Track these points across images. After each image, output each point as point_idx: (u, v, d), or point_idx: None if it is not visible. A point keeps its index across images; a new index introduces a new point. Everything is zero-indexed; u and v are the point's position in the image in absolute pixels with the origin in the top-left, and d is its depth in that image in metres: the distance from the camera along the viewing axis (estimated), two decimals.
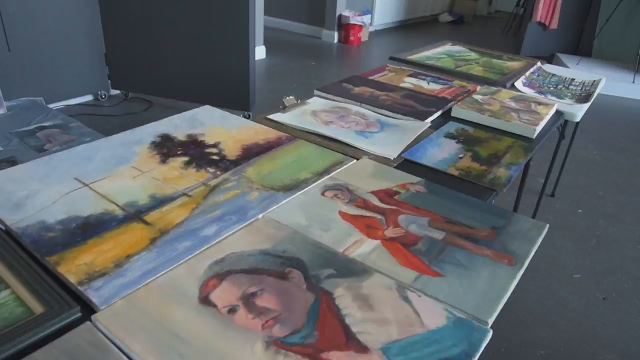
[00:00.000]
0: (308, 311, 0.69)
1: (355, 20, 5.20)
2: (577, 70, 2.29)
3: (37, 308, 0.67)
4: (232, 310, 0.68)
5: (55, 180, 0.99)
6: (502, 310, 0.65)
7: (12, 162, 2.16)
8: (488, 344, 0.65)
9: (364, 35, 5.46)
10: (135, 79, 3.22)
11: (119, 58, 3.17)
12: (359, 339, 0.65)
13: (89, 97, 3.30)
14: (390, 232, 0.89)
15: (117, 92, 3.40)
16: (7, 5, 2.68)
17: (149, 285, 0.72)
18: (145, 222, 0.87)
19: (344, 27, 5.32)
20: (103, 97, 3.33)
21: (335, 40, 5.41)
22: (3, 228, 0.84)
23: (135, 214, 0.89)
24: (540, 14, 4.70)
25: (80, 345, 0.61)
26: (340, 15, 5.30)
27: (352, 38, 5.31)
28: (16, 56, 2.82)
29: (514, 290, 0.69)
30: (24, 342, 0.61)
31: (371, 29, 5.93)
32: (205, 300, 0.70)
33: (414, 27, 6.58)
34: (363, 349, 0.64)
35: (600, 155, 3.12)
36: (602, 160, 3.05)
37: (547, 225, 0.96)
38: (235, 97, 3.01)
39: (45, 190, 0.95)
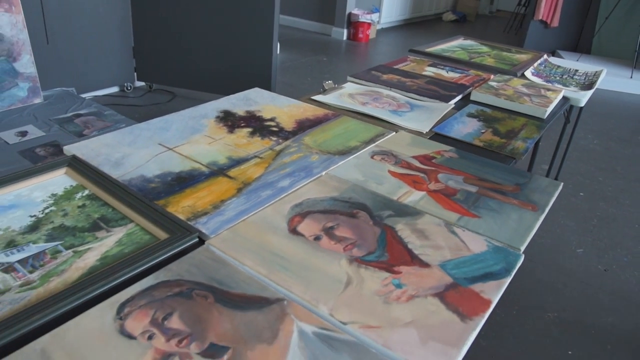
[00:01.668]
0: (377, 239, 0.87)
1: (364, 18, 5.37)
2: (580, 62, 2.46)
3: (162, 235, 0.84)
4: (317, 238, 0.86)
5: (142, 145, 1.16)
6: (512, 278, 0.80)
7: (55, 145, 2.34)
8: (500, 306, 0.81)
9: (372, 33, 5.64)
10: (159, 72, 3.39)
11: (146, 51, 3.34)
12: (421, 258, 0.83)
13: (115, 89, 3.47)
14: (433, 186, 1.06)
15: (142, 83, 3.57)
16: (49, 1, 2.85)
17: (245, 221, 0.90)
18: (229, 177, 1.04)
19: (353, 24, 5.49)
20: (129, 88, 3.49)
21: (345, 37, 5.59)
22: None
23: (219, 171, 1.06)
24: (542, 12, 4.88)
25: (203, 260, 0.79)
26: (349, 13, 5.48)
27: (360, 35, 5.49)
28: (53, 49, 2.99)
29: (524, 261, 0.85)
30: (157, 259, 0.78)
31: (378, 26, 6.10)
32: (293, 231, 0.87)
33: (418, 26, 6.76)
34: (425, 264, 0.81)
35: (600, 145, 3.30)
36: (601, 149, 3.23)
37: (562, 184, 1.13)
38: None
39: (136, 153, 1.13)
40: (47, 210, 0.90)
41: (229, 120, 1.32)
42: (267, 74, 3.14)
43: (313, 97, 1.55)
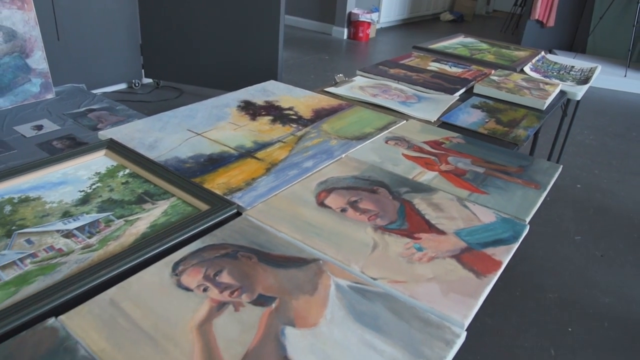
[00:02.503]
0: (397, 211, 0.96)
1: (364, 17, 5.47)
2: (575, 60, 2.56)
3: (202, 207, 0.93)
4: (343, 210, 0.95)
5: (172, 131, 1.25)
6: (514, 263, 0.89)
7: (71, 138, 2.42)
8: (504, 288, 0.90)
9: (372, 32, 5.73)
10: (167, 68, 3.47)
11: (153, 49, 3.42)
12: (437, 227, 0.92)
13: (123, 85, 3.55)
14: (444, 167, 1.16)
15: (149, 80, 3.65)
16: None
17: (277, 196, 0.98)
18: (257, 158, 1.13)
19: (353, 24, 5.59)
20: (136, 85, 3.57)
21: (345, 37, 5.68)
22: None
23: (247, 153, 1.15)
24: (538, 12, 4.99)
25: (244, 228, 0.88)
26: (350, 13, 5.57)
27: (361, 34, 5.58)
28: (64, 45, 3.07)
29: (524, 248, 0.94)
30: (203, 225, 0.87)
31: (377, 26, 6.20)
32: (321, 204, 0.96)
33: (417, 25, 6.87)
34: (441, 232, 0.90)
35: (596, 140, 3.41)
36: (597, 144, 3.34)
37: (561, 166, 1.23)
38: None
39: (167, 137, 1.21)
40: (94, 186, 0.98)
41: (250, 109, 1.41)
42: (273, 71, 3.22)
43: (326, 89, 1.64)
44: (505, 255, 0.85)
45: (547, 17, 5.10)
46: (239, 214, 0.93)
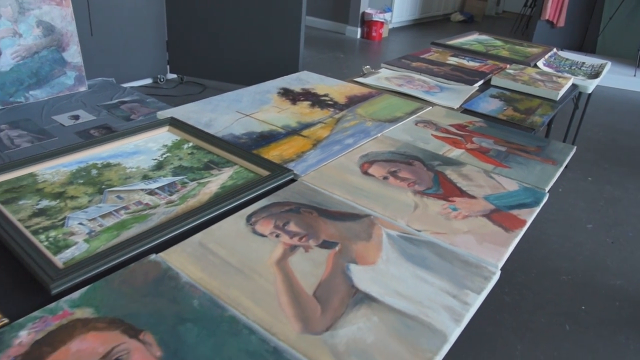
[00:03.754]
0: (432, 179, 1.09)
1: (377, 17, 5.60)
2: (586, 56, 2.68)
3: (263, 173, 1.06)
4: (385, 178, 1.08)
5: (223, 112, 1.38)
6: (529, 247, 1.00)
7: (107, 128, 2.57)
8: (520, 269, 1.02)
9: (384, 32, 5.86)
10: (191, 64, 3.61)
11: (178, 45, 3.57)
12: (468, 193, 1.05)
13: (149, 80, 3.69)
14: (469, 146, 1.28)
15: (174, 76, 3.79)
16: None
17: (325, 166, 1.11)
18: (303, 136, 1.26)
19: (366, 23, 5.72)
20: (162, 80, 3.72)
21: (358, 36, 5.81)
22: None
23: (293, 131, 1.28)
24: (548, 12, 5.11)
25: (302, 190, 1.01)
26: (363, 13, 5.71)
27: (374, 34, 5.71)
28: (96, 41, 3.22)
29: (538, 234, 1.06)
30: (267, 187, 1.00)
31: (389, 26, 6.32)
32: (366, 173, 1.09)
33: (427, 25, 6.99)
34: (472, 197, 1.03)
35: (606, 137, 3.52)
36: (607, 140, 3.45)
37: (575, 147, 1.35)
38: None
39: (219, 118, 1.35)
40: (164, 156, 1.12)
41: (290, 95, 1.55)
42: (294, 68, 3.36)
43: (355, 79, 1.77)
44: (528, 216, 0.98)
45: (557, 17, 5.21)
46: (293, 180, 1.06)
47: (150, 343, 0.63)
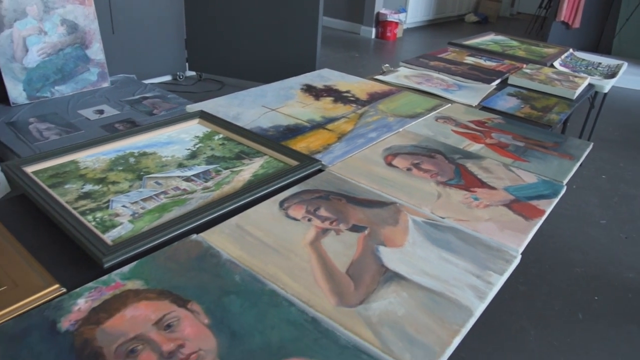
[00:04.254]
0: (453, 171, 1.13)
1: (392, 17, 5.64)
2: (602, 57, 2.70)
3: (292, 163, 1.11)
4: (409, 169, 1.12)
5: (249, 106, 1.44)
6: (544, 240, 1.03)
7: (131, 122, 2.64)
8: (535, 261, 1.06)
9: (399, 32, 5.90)
10: (209, 62, 3.68)
11: (197, 43, 3.64)
12: (489, 184, 1.09)
13: (168, 77, 3.77)
14: (489, 141, 1.33)
15: (193, 73, 3.86)
16: None
17: (351, 157, 1.16)
18: (328, 129, 1.31)
19: (381, 23, 5.76)
20: (181, 77, 3.79)
21: (373, 36, 5.85)
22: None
23: (318, 125, 1.34)
24: (564, 13, 5.11)
25: (330, 179, 1.06)
26: (378, 13, 5.75)
27: (388, 34, 5.75)
28: (117, 38, 3.30)
29: (553, 228, 1.10)
30: (297, 175, 1.05)
31: (404, 26, 6.36)
32: (390, 164, 1.14)
33: (442, 26, 7.01)
34: (493, 188, 1.08)
35: (620, 136, 3.53)
36: (621, 140, 3.47)
37: (592, 143, 1.39)
38: None
39: (246, 112, 1.40)
40: (197, 146, 1.18)
41: (313, 91, 1.60)
42: (311, 66, 3.41)
43: (375, 77, 1.82)
44: (547, 206, 1.02)
45: (572, 18, 5.21)
46: (320, 170, 1.11)
47: (197, 312, 0.69)
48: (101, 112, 2.73)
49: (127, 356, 0.61)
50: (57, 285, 0.72)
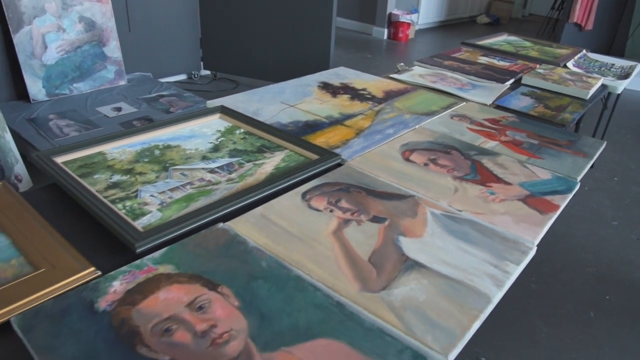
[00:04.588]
0: (470, 167, 1.16)
1: (404, 18, 5.66)
2: (615, 59, 2.71)
3: (313, 157, 1.14)
4: (426, 164, 1.15)
5: (268, 103, 1.47)
6: (556, 240, 1.05)
7: (148, 119, 2.69)
8: (547, 260, 1.08)
9: (411, 33, 5.92)
10: (224, 61, 3.73)
11: (212, 42, 3.68)
12: (504, 179, 1.12)
13: (183, 76, 3.82)
14: (503, 138, 1.35)
15: (207, 72, 3.91)
16: None
17: (369, 152, 1.19)
18: (346, 125, 1.34)
19: (393, 24, 5.78)
20: (195, 76, 3.84)
21: (385, 37, 5.88)
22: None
23: (336, 121, 1.37)
24: (577, 15, 5.11)
25: (349, 173, 1.09)
26: (390, 14, 5.77)
27: (400, 35, 5.77)
28: (134, 37, 3.35)
29: (564, 229, 1.12)
30: (318, 168, 1.08)
31: (415, 27, 6.37)
32: (407, 159, 1.17)
33: (454, 27, 7.02)
34: (508, 183, 1.10)
35: (633, 139, 3.53)
36: (634, 142, 3.47)
37: (605, 142, 1.41)
38: None
39: (266, 108, 1.43)
40: (219, 140, 1.21)
41: (330, 89, 1.63)
42: (324, 67, 3.44)
43: (390, 76, 1.85)
44: (561, 201, 1.05)
45: (585, 20, 5.20)
46: (339, 165, 1.14)
47: (227, 295, 0.72)
48: (119, 109, 2.78)
49: (163, 335, 0.65)
50: (92, 268, 0.76)
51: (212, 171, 1.06)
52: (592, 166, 1.27)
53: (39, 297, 0.71)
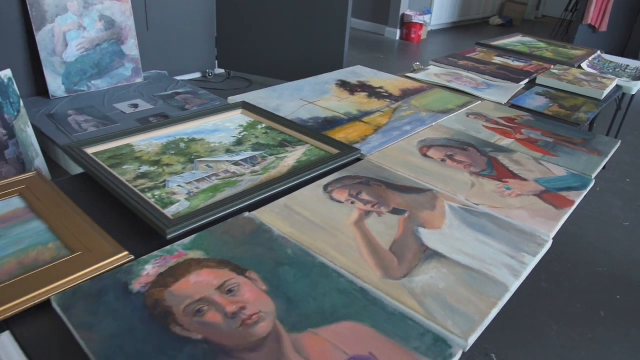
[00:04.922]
0: (486, 163, 1.18)
1: (417, 19, 5.68)
2: (630, 60, 2.71)
3: (333, 151, 1.18)
4: (443, 160, 1.18)
5: (288, 99, 1.51)
6: (567, 239, 1.07)
7: (165, 116, 2.73)
8: (557, 260, 1.10)
9: (424, 34, 5.93)
10: (238, 60, 3.77)
11: (227, 41, 3.73)
12: (520, 176, 1.14)
13: (198, 74, 3.87)
14: (519, 136, 1.37)
15: (222, 70, 3.96)
16: None
17: (387, 148, 1.22)
18: (364, 122, 1.37)
19: (406, 25, 5.80)
20: (210, 75, 3.89)
21: (397, 37, 5.90)
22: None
23: (355, 118, 1.40)
24: (591, 16, 5.10)
25: (369, 167, 1.12)
26: (403, 14, 5.79)
27: (413, 36, 5.79)
28: (151, 35, 3.40)
29: (576, 229, 1.14)
30: (337, 163, 1.11)
31: (428, 28, 6.39)
32: (425, 155, 1.20)
33: (466, 29, 7.02)
34: (524, 179, 1.13)
35: None
36: None
37: (620, 141, 1.43)
38: None
39: (286, 104, 1.47)
40: (242, 134, 1.25)
41: (348, 87, 1.66)
42: (339, 66, 3.48)
43: (407, 75, 1.88)
44: (576, 197, 1.07)
45: (600, 22, 5.19)
46: (359, 159, 1.17)
47: (255, 279, 0.75)
48: (136, 106, 2.83)
49: (195, 315, 0.68)
50: (126, 252, 0.80)
51: (236, 164, 1.10)
52: (604, 167, 1.29)
53: (76, 278, 0.74)
